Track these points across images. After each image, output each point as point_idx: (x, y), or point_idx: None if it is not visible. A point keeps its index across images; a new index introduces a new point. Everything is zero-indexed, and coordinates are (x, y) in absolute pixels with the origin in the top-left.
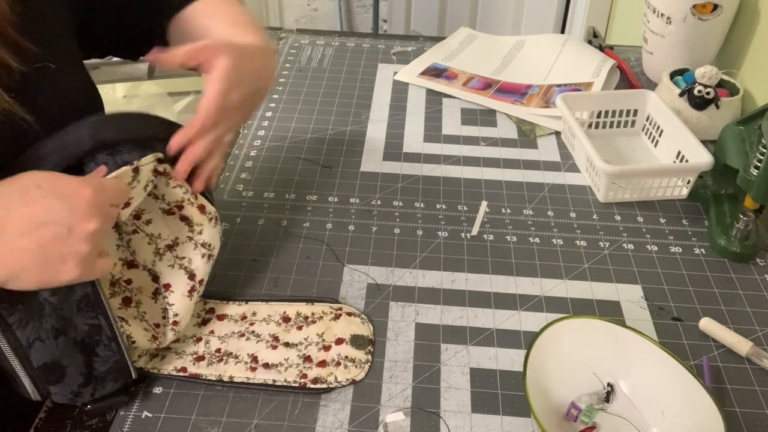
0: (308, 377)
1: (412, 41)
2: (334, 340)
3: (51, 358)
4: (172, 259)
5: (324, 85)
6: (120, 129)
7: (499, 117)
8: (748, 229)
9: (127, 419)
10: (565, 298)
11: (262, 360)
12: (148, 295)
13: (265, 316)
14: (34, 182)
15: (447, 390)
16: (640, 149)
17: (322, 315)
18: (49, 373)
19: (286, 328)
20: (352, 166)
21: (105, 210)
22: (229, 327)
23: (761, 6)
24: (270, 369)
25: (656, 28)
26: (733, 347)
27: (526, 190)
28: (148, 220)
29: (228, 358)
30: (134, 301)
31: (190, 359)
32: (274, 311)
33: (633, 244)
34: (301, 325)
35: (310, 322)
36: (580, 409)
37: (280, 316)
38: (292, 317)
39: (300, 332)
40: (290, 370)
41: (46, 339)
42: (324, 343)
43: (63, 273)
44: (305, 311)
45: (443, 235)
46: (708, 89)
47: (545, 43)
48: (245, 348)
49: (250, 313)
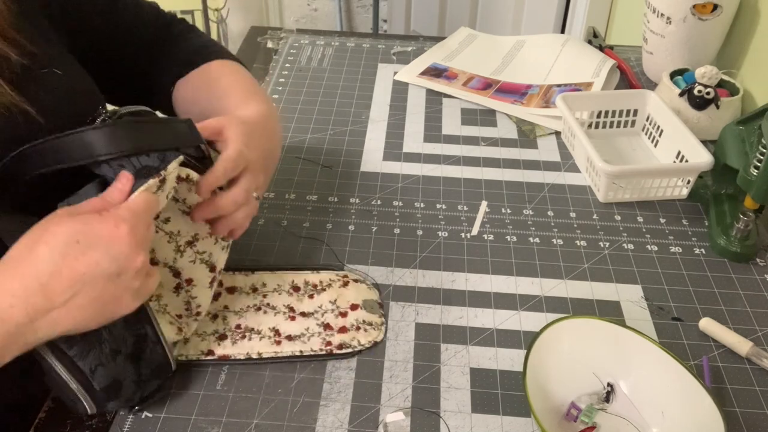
0: (333, 344)
1: (412, 41)
2: (348, 307)
3: (112, 380)
4: (193, 255)
5: (324, 85)
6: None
7: (499, 117)
8: (748, 229)
9: (127, 419)
10: (565, 298)
11: (284, 333)
12: (169, 290)
13: (275, 285)
14: (72, 238)
15: (447, 390)
16: (640, 149)
17: (330, 283)
18: (109, 392)
19: (298, 297)
20: (352, 166)
21: (145, 238)
22: (243, 301)
23: (761, 6)
24: (294, 341)
25: (656, 28)
26: (733, 347)
27: (526, 190)
28: (167, 219)
29: (250, 334)
30: (154, 295)
31: (213, 339)
32: (283, 281)
33: (633, 244)
34: (312, 294)
35: (320, 290)
36: (580, 409)
37: (289, 286)
38: (301, 286)
39: (312, 301)
40: (313, 339)
41: (107, 363)
42: (339, 309)
43: (122, 309)
44: (313, 279)
45: (443, 235)
46: (708, 89)
47: (545, 43)
48: (265, 322)
49: (260, 284)
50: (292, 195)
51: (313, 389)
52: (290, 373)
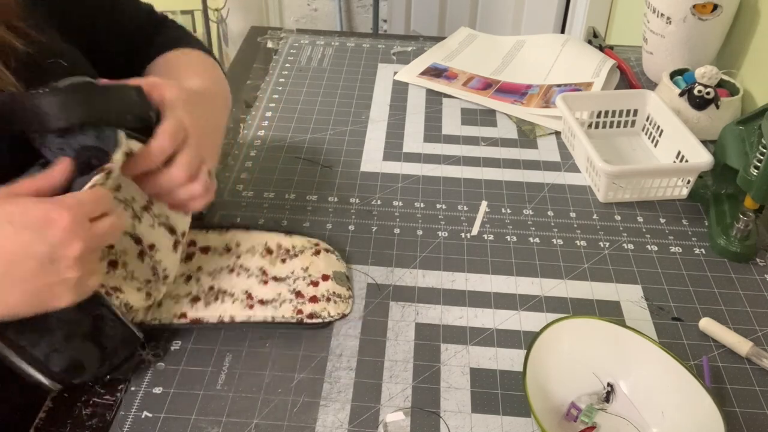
0: (304, 312)
1: (412, 41)
2: (320, 276)
3: (70, 361)
4: (151, 219)
5: (324, 85)
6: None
7: (499, 117)
8: (748, 229)
9: (127, 419)
10: (565, 298)
11: (257, 296)
12: (133, 256)
13: (249, 246)
14: (4, 219)
15: (447, 390)
16: (640, 149)
17: (302, 249)
18: (71, 372)
19: (271, 260)
20: (352, 166)
21: (86, 229)
22: (217, 261)
23: (761, 6)
24: (266, 305)
25: (656, 28)
26: (733, 347)
27: (526, 190)
28: (117, 186)
29: (223, 296)
30: (120, 263)
31: (186, 302)
32: (257, 241)
33: (633, 244)
34: (284, 258)
35: (292, 255)
36: (580, 409)
37: (263, 248)
38: (273, 249)
39: (285, 265)
40: (285, 306)
41: (62, 348)
42: (311, 278)
43: (56, 301)
44: (285, 244)
45: (443, 235)
46: (708, 89)
47: (545, 43)
48: (238, 284)
49: (234, 243)
50: (292, 195)
51: (313, 389)
52: (290, 373)
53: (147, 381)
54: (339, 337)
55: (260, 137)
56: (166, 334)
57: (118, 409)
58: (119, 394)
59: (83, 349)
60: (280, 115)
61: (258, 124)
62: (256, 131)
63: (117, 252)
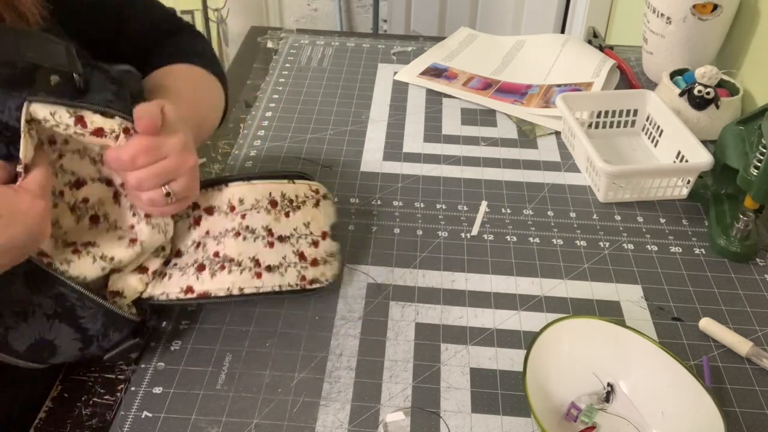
0: (306, 279)
1: (412, 41)
2: (320, 234)
3: (33, 339)
4: None
5: (324, 85)
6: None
7: (499, 117)
8: (748, 229)
9: (127, 419)
10: (565, 298)
11: (264, 263)
12: (110, 203)
13: (253, 201)
14: None
15: (447, 390)
16: (640, 149)
17: (305, 199)
18: (40, 351)
19: (276, 216)
20: (352, 166)
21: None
22: (222, 223)
23: (761, 6)
24: (273, 272)
25: (656, 28)
26: (733, 347)
27: (526, 190)
28: (65, 140)
29: (230, 265)
30: (101, 216)
31: (192, 272)
32: (261, 195)
33: (633, 244)
34: (288, 211)
35: (295, 206)
36: (580, 409)
37: (267, 201)
38: (278, 200)
39: (288, 220)
40: (290, 271)
41: (15, 326)
42: (312, 237)
43: None
44: (289, 192)
45: (443, 235)
46: (708, 89)
47: (545, 43)
48: (245, 251)
49: (237, 200)
50: None
51: (313, 389)
52: (290, 373)
53: (147, 381)
54: (339, 336)
55: (260, 137)
56: (167, 334)
57: (118, 409)
58: (119, 394)
59: (51, 330)
60: (280, 115)
61: (258, 124)
62: (256, 131)
63: (94, 205)
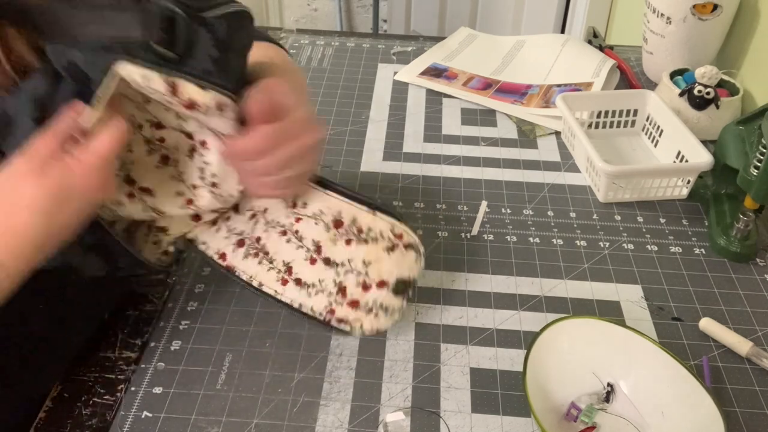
0: (335, 314)
1: (412, 41)
2: (377, 281)
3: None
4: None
5: (324, 85)
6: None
7: (499, 117)
8: (748, 229)
9: (127, 419)
10: (565, 298)
11: (295, 274)
12: (184, 153)
13: (316, 210)
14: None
15: (447, 390)
16: (640, 149)
17: (377, 237)
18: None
19: (333, 237)
20: (352, 166)
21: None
22: (279, 212)
23: (761, 6)
24: (301, 288)
25: (656, 28)
26: (733, 347)
27: (526, 190)
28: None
29: (264, 257)
30: (172, 160)
31: (234, 241)
32: (328, 207)
33: (633, 244)
34: (350, 239)
35: (362, 239)
36: (580, 409)
37: (332, 217)
38: (345, 222)
39: (347, 249)
40: (320, 297)
41: None
42: (366, 278)
43: None
44: (363, 222)
45: (443, 235)
46: (708, 89)
47: (545, 43)
48: (283, 253)
49: (301, 202)
50: None
51: (313, 389)
52: (290, 373)
53: (147, 381)
54: (339, 336)
55: None
56: (167, 335)
57: (118, 409)
58: (119, 394)
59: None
60: None
61: None
62: None
63: (169, 147)
